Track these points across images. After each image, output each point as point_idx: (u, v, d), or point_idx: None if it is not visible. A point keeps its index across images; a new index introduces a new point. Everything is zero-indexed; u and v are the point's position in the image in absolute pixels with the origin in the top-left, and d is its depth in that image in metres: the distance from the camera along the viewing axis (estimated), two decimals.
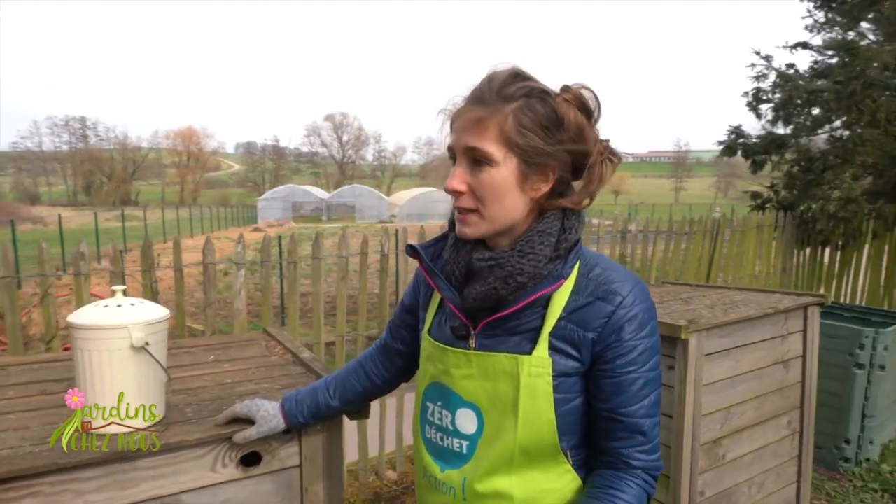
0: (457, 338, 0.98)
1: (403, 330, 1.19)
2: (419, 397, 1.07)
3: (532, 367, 0.89)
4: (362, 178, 73.80)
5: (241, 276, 2.36)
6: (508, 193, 0.87)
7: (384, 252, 2.73)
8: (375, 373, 1.23)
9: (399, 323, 1.20)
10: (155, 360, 1.29)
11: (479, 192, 0.88)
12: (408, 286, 1.21)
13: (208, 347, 1.82)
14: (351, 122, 77.76)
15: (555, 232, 0.91)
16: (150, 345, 1.27)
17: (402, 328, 1.19)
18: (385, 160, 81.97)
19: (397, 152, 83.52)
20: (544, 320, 0.91)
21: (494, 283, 0.90)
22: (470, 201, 0.90)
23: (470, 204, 0.90)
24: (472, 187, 0.89)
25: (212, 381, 1.54)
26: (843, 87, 5.29)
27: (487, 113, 0.85)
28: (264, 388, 1.48)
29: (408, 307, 1.18)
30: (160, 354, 1.31)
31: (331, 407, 1.22)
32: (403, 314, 1.19)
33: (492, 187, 0.87)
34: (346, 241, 2.61)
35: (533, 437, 0.91)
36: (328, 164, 77.87)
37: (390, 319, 1.25)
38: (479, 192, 0.88)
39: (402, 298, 1.22)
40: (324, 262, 2.48)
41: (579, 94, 0.88)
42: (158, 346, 1.31)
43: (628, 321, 0.88)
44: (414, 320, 1.17)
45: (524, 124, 0.85)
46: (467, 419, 0.96)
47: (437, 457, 1.02)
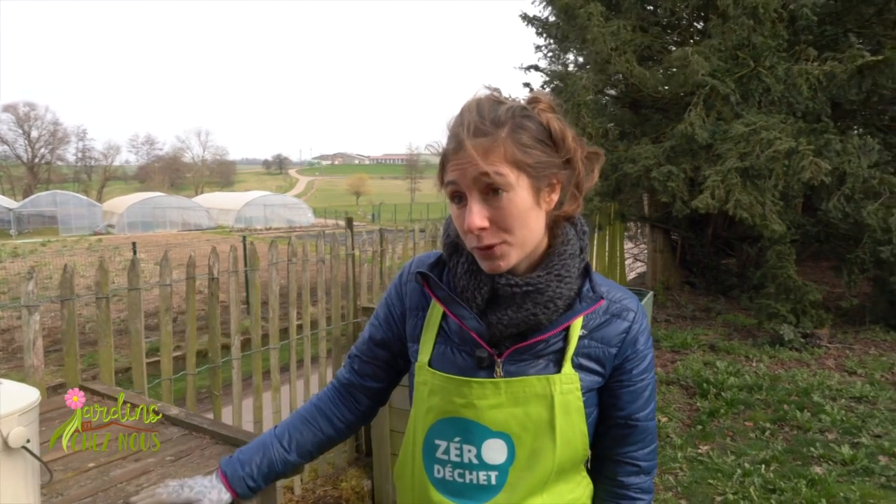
0: (479, 368, 0.93)
1: (374, 366, 1.09)
2: (418, 436, 1.00)
3: (563, 385, 0.91)
4: (62, 183, 61.71)
5: (36, 323, 1.80)
6: (530, 214, 0.87)
7: (213, 275, 2.38)
8: (338, 416, 1.10)
9: (368, 359, 1.09)
10: (37, 458, 0.97)
11: (503, 223, 0.85)
12: (374, 318, 1.11)
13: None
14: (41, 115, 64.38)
15: (577, 252, 0.94)
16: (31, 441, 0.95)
17: (372, 364, 1.09)
18: (92, 161, 70.01)
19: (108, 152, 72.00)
20: (567, 340, 0.93)
21: (533, 308, 0.89)
22: (496, 235, 0.86)
23: (497, 238, 0.86)
24: (494, 219, 0.85)
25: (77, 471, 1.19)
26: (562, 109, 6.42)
27: (488, 141, 0.84)
28: (162, 472, 1.20)
29: (380, 341, 1.08)
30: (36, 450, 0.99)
31: (287, 462, 1.06)
32: (374, 349, 1.09)
33: (516, 212, 0.85)
34: (167, 263, 2.20)
35: (569, 454, 0.94)
36: (12, 165, 63.17)
37: (350, 355, 1.13)
38: (503, 222, 0.85)
39: (366, 332, 1.11)
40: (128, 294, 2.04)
41: (551, 101, 0.91)
42: (34, 441, 0.99)
43: (641, 333, 0.97)
44: (388, 355, 1.08)
45: (523, 143, 0.85)
46: (496, 450, 0.93)
47: (455, 496, 0.96)
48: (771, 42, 5.65)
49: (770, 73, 5.69)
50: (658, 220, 8.36)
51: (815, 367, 5.11)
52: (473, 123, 0.85)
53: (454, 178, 0.86)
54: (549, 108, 0.89)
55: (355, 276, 3.40)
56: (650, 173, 5.93)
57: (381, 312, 1.09)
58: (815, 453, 3.45)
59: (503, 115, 0.85)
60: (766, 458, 3.40)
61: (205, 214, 35.72)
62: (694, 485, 3.18)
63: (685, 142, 5.81)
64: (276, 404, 3.00)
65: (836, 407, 4.12)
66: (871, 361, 5.15)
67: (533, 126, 0.86)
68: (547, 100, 0.90)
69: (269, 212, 37.14)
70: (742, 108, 5.78)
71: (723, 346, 5.65)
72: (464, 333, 0.94)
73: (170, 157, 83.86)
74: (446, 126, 0.90)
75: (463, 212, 0.86)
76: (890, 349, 5.58)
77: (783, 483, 3.10)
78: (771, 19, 5.62)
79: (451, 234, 0.97)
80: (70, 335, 1.94)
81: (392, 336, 1.07)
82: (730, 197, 5.32)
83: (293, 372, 3.07)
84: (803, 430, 3.83)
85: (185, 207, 35.82)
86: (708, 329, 6.42)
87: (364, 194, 76.67)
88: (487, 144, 0.84)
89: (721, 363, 5.10)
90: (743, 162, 5.37)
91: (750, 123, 5.47)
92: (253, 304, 2.77)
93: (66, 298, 1.91)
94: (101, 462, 1.29)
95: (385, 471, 2.91)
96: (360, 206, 59.87)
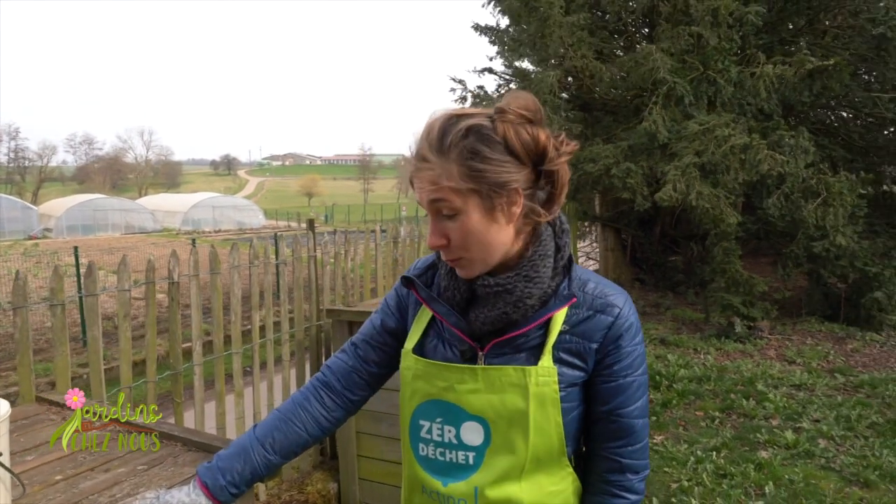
0: (463, 360, 0.99)
1: (382, 352, 1.12)
2: (405, 418, 1.05)
3: (539, 377, 0.95)
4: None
5: None
6: (486, 233, 0.91)
7: (173, 279, 2.31)
8: (323, 414, 1.09)
9: (377, 344, 1.12)
10: (10, 471, 0.94)
11: (458, 242, 0.91)
12: (382, 306, 1.15)
13: None
14: None
15: (551, 253, 0.98)
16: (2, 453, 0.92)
17: (380, 349, 1.12)
18: (27, 162, 66.31)
19: (44, 152, 68.38)
20: (547, 335, 0.97)
21: (505, 307, 0.94)
22: (455, 251, 0.93)
23: (456, 254, 0.93)
24: (451, 238, 0.92)
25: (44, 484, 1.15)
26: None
27: (434, 168, 0.88)
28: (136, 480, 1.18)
29: (392, 329, 1.11)
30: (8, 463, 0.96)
31: (270, 465, 1.05)
32: (384, 335, 1.12)
33: (468, 234, 0.90)
34: (126, 268, 2.12)
35: (544, 445, 0.97)
36: None
37: (354, 342, 1.15)
38: (458, 241, 0.91)
39: (376, 319, 1.14)
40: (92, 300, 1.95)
41: (518, 111, 0.90)
42: (4, 453, 0.96)
43: (626, 330, 1.00)
44: (395, 342, 1.11)
45: (472, 167, 0.87)
46: (473, 432, 0.98)
47: (437, 472, 1.01)
48: (726, 45, 5.91)
49: (721, 75, 5.96)
50: (609, 220, 8.61)
51: (758, 357, 5.39)
52: (422, 150, 0.90)
53: (417, 198, 0.93)
54: (519, 118, 0.89)
55: (318, 278, 3.38)
56: (610, 171, 6.11)
57: (391, 302, 1.13)
58: (761, 439, 3.65)
59: (454, 137, 0.88)
60: (717, 445, 3.57)
61: (149, 217, 34.39)
62: (651, 474, 3.31)
63: (647, 140, 6.02)
64: (239, 409, 2.94)
65: (779, 395, 4.35)
66: (809, 351, 5.46)
67: (485, 146, 0.88)
68: (516, 112, 0.89)
69: (217, 213, 36.09)
70: (693, 108, 6.04)
71: (672, 340, 5.88)
72: (449, 328, 1.00)
73: (110, 157, 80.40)
74: (413, 137, 0.95)
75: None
76: (825, 339, 5.94)
77: (733, 468, 3.27)
78: (727, 23, 5.88)
79: None
80: (24, 344, 1.86)
81: (401, 325, 1.11)
82: (690, 189, 5.55)
83: (256, 375, 3.03)
84: (749, 417, 4.03)
85: (128, 209, 34.37)
86: (658, 324, 6.66)
87: (316, 195, 75.55)
88: (435, 172, 0.89)
89: (672, 356, 5.31)
90: (700, 158, 5.61)
91: (703, 122, 5.72)
92: (215, 307, 2.71)
93: (18, 306, 1.83)
94: (69, 475, 1.25)
95: (351, 472, 2.91)
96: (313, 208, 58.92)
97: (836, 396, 4.37)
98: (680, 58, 6.11)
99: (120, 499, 1.14)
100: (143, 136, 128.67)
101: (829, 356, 5.36)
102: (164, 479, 1.23)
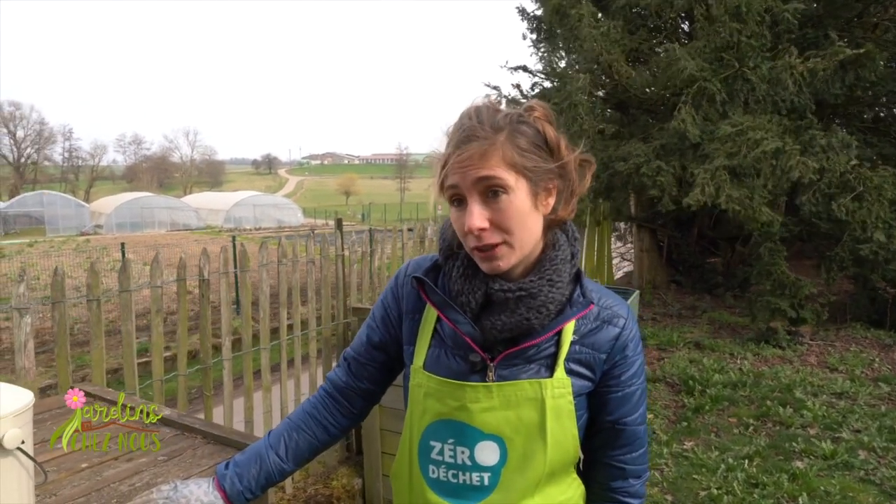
0: (472, 371, 0.95)
1: (371, 368, 1.10)
2: (414, 438, 1.01)
3: (555, 389, 0.94)
4: (49, 183, 61.01)
5: (28, 325, 1.82)
6: (529, 216, 0.89)
7: (203, 277, 2.39)
8: (331, 422, 1.11)
9: (365, 361, 1.10)
10: (32, 459, 0.99)
11: (503, 224, 0.88)
12: (370, 320, 1.12)
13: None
14: (27, 115, 63.55)
15: (569, 258, 0.97)
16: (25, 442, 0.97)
17: (370, 366, 1.10)
18: (80, 161, 69.24)
19: (95, 152, 71.31)
20: (559, 346, 0.96)
21: (526, 313, 0.91)
22: (495, 235, 0.88)
23: (495, 238, 0.88)
24: (494, 221, 0.88)
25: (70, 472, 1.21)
26: (558, 107, 6.45)
27: (486, 145, 0.87)
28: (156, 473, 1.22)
29: (377, 344, 1.09)
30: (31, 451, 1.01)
31: (284, 472, 1.07)
32: (371, 351, 1.10)
33: (515, 213, 0.88)
34: (158, 265, 2.21)
35: (560, 457, 0.96)
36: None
37: (346, 357, 1.14)
38: (503, 223, 0.88)
39: (363, 333, 1.12)
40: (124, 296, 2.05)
41: (547, 111, 0.94)
42: (28, 442, 1.01)
43: (630, 340, 0.99)
44: (385, 357, 1.10)
45: (521, 147, 0.88)
46: (488, 451, 0.95)
47: (448, 495, 0.98)
48: (754, 42, 5.73)
49: (754, 72, 5.77)
50: (645, 220, 8.44)
51: (798, 363, 5.20)
52: (472, 128, 0.88)
53: (455, 182, 0.88)
54: (544, 117, 0.92)
55: (345, 276, 3.43)
56: (640, 170, 6.00)
57: (377, 314, 1.10)
58: (797, 448, 3.52)
59: (501, 120, 0.89)
60: (750, 453, 3.47)
61: (194, 215, 35.48)
62: (679, 480, 3.24)
63: (677, 139, 5.88)
64: (266, 404, 3.02)
65: (818, 403, 4.20)
66: (852, 358, 5.24)
67: (530, 132, 0.90)
68: (542, 109, 0.93)
69: (258, 212, 36.96)
70: (728, 107, 5.86)
71: (708, 344, 5.73)
72: (457, 337, 0.96)
73: (158, 156, 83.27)
74: (445, 132, 0.93)
75: (463, 214, 0.88)
76: (870, 346, 5.69)
77: (765, 477, 3.17)
78: (755, 20, 5.69)
79: (448, 237, 0.99)
80: (61, 338, 1.95)
81: (389, 338, 1.08)
82: (720, 193, 5.40)
83: (284, 372, 3.09)
84: (785, 425, 3.90)
85: (173, 207, 35.55)
86: (693, 327, 6.50)
87: (354, 194, 76.46)
88: (487, 148, 0.87)
89: (706, 360, 5.18)
90: (731, 161, 5.45)
91: (736, 124, 5.55)
92: (244, 304, 2.79)
93: (57, 301, 1.92)
94: (94, 462, 1.31)
95: (375, 469, 2.95)
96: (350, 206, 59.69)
97: (879, 406, 4.18)
98: (717, 55, 5.94)
99: (139, 487, 1.19)
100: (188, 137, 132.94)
101: (873, 364, 5.14)
102: (183, 469, 1.28)
